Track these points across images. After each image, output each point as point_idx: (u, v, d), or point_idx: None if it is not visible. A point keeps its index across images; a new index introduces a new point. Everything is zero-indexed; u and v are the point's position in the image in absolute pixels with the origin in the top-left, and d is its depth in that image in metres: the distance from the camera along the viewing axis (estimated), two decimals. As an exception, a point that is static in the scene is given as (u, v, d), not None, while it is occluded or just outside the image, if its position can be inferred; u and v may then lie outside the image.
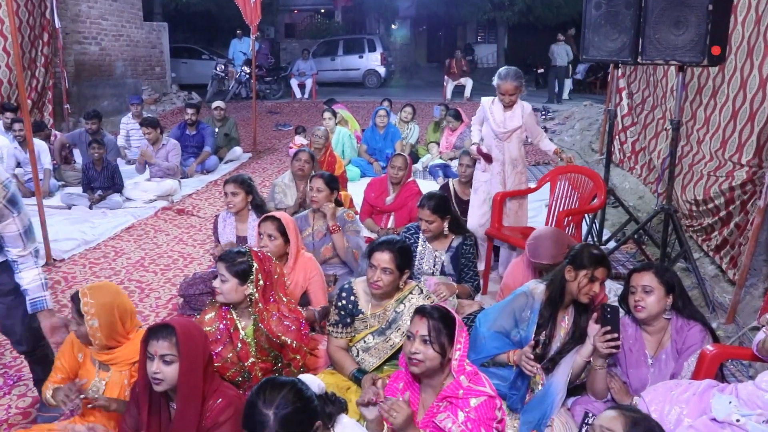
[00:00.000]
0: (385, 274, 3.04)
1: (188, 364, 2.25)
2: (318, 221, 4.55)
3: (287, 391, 1.96)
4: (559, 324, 3.12)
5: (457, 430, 2.29)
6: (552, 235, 3.71)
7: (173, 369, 2.26)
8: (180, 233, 6.30)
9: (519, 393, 3.01)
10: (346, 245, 4.43)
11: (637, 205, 6.71)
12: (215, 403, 2.31)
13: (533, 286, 3.24)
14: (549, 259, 3.53)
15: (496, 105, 4.93)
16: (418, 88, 21.51)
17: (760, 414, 2.33)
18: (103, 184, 6.98)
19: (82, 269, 5.27)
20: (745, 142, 4.59)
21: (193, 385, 2.26)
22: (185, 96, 15.76)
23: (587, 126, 11.23)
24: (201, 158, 8.63)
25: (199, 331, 2.40)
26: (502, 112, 4.89)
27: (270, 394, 1.95)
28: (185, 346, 2.25)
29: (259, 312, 2.99)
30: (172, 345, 2.26)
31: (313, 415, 1.97)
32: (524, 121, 4.87)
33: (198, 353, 2.28)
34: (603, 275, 3.03)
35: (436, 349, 2.35)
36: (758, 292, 4.24)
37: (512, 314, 3.18)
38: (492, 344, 3.13)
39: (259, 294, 2.99)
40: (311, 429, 1.94)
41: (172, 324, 2.32)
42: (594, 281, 3.01)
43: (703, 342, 2.89)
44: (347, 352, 3.23)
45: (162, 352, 2.27)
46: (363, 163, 8.62)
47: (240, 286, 2.96)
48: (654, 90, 6.93)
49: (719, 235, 4.81)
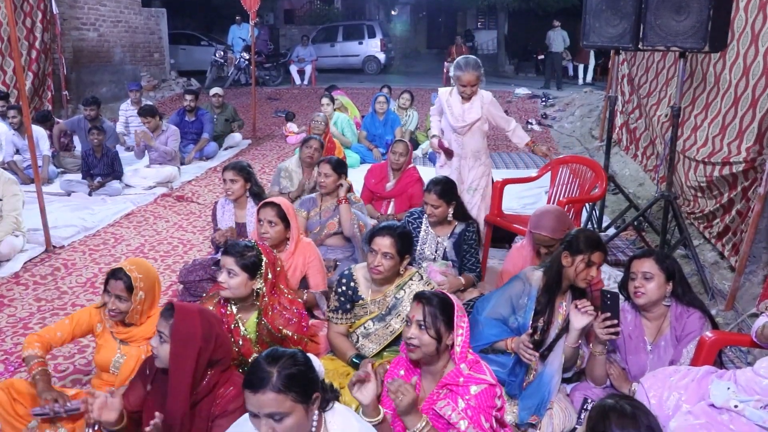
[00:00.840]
0: (385, 259, 3.05)
1: (177, 347, 2.25)
2: (326, 202, 4.60)
3: (293, 354, 1.97)
4: (557, 310, 3.13)
5: (456, 417, 2.29)
6: (555, 210, 3.72)
7: (165, 348, 2.27)
8: (179, 220, 6.30)
9: (517, 379, 3.03)
10: (353, 218, 4.46)
11: (637, 192, 6.71)
12: (226, 391, 2.31)
13: (530, 272, 3.25)
14: (549, 231, 3.51)
15: (454, 97, 4.75)
16: (418, 74, 21.43)
17: (758, 400, 2.34)
18: (102, 171, 6.96)
19: (82, 256, 5.27)
20: (746, 129, 4.57)
21: (182, 368, 2.25)
22: (184, 82, 15.69)
23: (587, 113, 11.21)
24: (200, 145, 8.61)
25: (205, 318, 2.36)
26: (460, 104, 4.71)
27: (276, 355, 1.95)
28: (176, 328, 2.25)
29: (264, 306, 2.98)
30: (168, 324, 2.28)
31: (314, 385, 1.96)
32: (484, 112, 4.68)
33: (191, 338, 2.26)
34: (599, 260, 3.04)
35: (431, 335, 2.35)
36: (758, 279, 4.25)
37: (509, 301, 3.19)
38: (490, 332, 3.13)
39: (267, 288, 2.98)
40: (309, 398, 1.92)
41: (174, 305, 2.33)
42: (591, 266, 3.01)
43: (702, 329, 2.90)
44: (347, 338, 3.24)
45: (160, 328, 2.30)
46: (362, 150, 8.60)
47: (249, 281, 2.93)
48: (656, 76, 6.90)
49: (721, 222, 4.81)
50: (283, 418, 1.85)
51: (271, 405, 1.85)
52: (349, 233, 4.47)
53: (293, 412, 1.87)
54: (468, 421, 2.27)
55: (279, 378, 1.87)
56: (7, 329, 4.03)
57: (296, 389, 1.88)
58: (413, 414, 2.33)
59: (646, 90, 7.10)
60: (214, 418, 2.29)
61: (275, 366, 1.89)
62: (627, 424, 1.85)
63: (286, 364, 1.91)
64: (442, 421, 2.34)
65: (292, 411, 1.86)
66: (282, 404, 1.85)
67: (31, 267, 5.00)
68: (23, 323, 4.11)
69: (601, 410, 1.90)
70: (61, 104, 10.86)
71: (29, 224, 5.34)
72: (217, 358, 2.34)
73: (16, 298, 4.48)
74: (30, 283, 4.72)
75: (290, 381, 1.87)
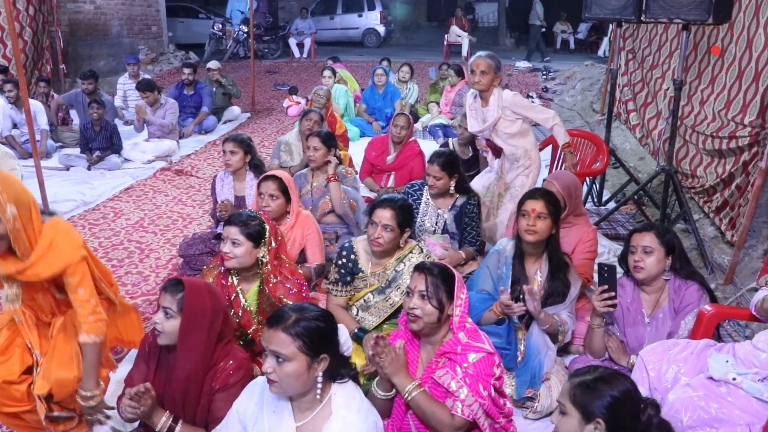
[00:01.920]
0: (385, 231, 3.05)
1: (188, 323, 2.26)
2: (317, 178, 4.53)
3: (320, 312, 2.04)
4: (532, 277, 3.15)
5: (455, 385, 2.30)
6: (575, 179, 3.71)
7: (172, 324, 2.28)
8: (179, 194, 6.29)
9: (511, 350, 3.05)
10: (343, 196, 4.41)
11: (637, 166, 6.69)
12: (227, 364, 2.33)
13: (505, 242, 3.30)
14: (561, 185, 3.50)
15: (477, 101, 4.32)
16: (419, 47, 21.25)
17: (756, 372, 2.35)
18: (101, 145, 6.93)
19: (82, 230, 5.27)
20: (749, 103, 4.54)
21: (192, 344, 2.27)
22: (182, 56, 15.54)
23: (588, 86, 11.14)
24: (199, 119, 8.56)
25: (212, 293, 2.38)
26: (480, 108, 4.30)
27: (303, 306, 2.04)
28: (188, 303, 2.26)
29: (266, 274, 2.99)
30: (174, 300, 2.28)
31: (326, 345, 1.99)
32: (504, 112, 4.19)
33: (202, 314, 2.28)
34: (534, 207, 3.06)
35: (434, 305, 2.36)
36: (757, 254, 4.25)
37: (489, 274, 3.25)
38: (481, 306, 3.15)
39: (271, 256, 2.99)
40: (316, 354, 1.95)
41: (183, 280, 2.33)
42: (525, 216, 3.06)
43: (700, 301, 2.91)
44: (347, 311, 3.25)
45: (165, 304, 2.30)
46: (362, 123, 8.56)
47: (254, 249, 2.94)
48: (658, 49, 6.84)
49: (720, 196, 4.80)
50: (284, 362, 1.91)
51: (277, 344, 1.92)
52: (340, 212, 4.42)
53: (295, 359, 1.91)
54: (467, 388, 2.28)
55: (295, 323, 1.94)
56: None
57: (306, 340, 1.92)
58: (401, 376, 2.34)
59: (649, 63, 7.05)
60: (214, 392, 2.31)
61: (297, 313, 1.97)
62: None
63: (308, 316, 1.97)
64: (441, 389, 2.35)
65: (294, 358, 1.91)
66: (287, 347, 1.91)
67: (31, 241, 4.99)
68: (24, 297, 4.12)
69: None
70: (58, 78, 10.77)
71: (28, 198, 5.32)
72: (222, 334, 2.36)
73: (16, 272, 4.47)
74: (30, 257, 4.72)
75: (303, 330, 1.93)
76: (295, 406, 2.02)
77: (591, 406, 1.85)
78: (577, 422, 1.84)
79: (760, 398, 2.28)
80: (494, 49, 20.36)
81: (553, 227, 3.08)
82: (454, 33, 16.69)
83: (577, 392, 1.88)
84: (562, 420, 1.88)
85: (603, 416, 1.83)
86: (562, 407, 1.90)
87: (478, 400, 2.30)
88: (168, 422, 2.26)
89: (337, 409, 2.00)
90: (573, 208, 3.56)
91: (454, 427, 2.31)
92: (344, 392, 2.04)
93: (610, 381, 1.89)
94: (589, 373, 1.93)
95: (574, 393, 1.89)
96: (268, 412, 2.03)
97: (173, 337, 2.29)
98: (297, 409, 2.02)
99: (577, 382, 1.91)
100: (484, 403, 2.32)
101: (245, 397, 2.12)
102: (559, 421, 1.90)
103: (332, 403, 2.01)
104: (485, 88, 4.15)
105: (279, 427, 1.99)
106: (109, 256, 4.79)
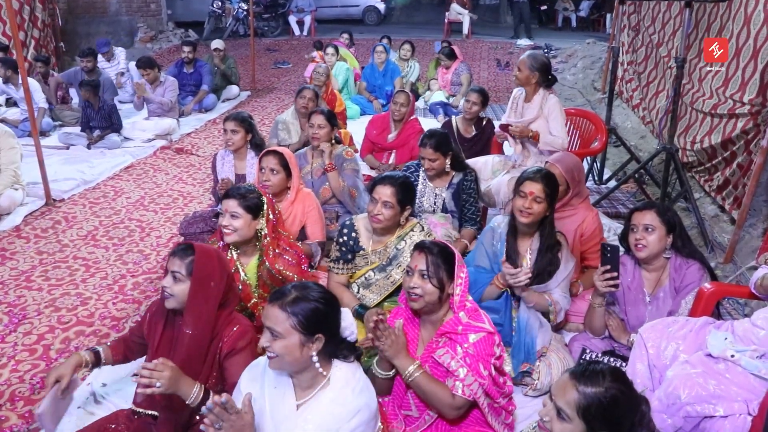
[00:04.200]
0: (386, 208, 3.05)
1: (198, 287, 2.27)
2: (317, 159, 4.51)
3: (321, 292, 2.03)
4: (522, 255, 3.16)
5: (455, 365, 2.31)
6: (575, 157, 3.71)
7: (180, 287, 2.29)
8: (179, 172, 6.28)
9: (505, 325, 3.06)
10: (342, 184, 4.40)
11: (638, 145, 6.67)
12: (231, 330, 2.35)
13: (499, 220, 3.30)
14: (564, 167, 3.49)
15: (522, 96, 4.49)
16: (419, 24, 21.09)
17: (754, 350, 2.36)
18: (100, 124, 6.90)
19: (82, 209, 5.27)
20: (748, 81, 4.52)
21: (201, 308, 2.28)
22: (182, 34, 15.42)
23: (590, 64, 11.07)
24: (198, 97, 8.52)
25: (221, 259, 2.41)
26: (523, 102, 4.45)
27: (306, 284, 2.04)
28: (198, 267, 2.28)
29: (265, 246, 3.01)
30: (183, 264, 2.30)
31: (323, 326, 1.98)
32: (543, 112, 4.32)
33: (211, 278, 2.30)
34: (531, 189, 3.04)
35: (434, 284, 2.36)
36: (757, 232, 4.26)
37: (485, 251, 3.25)
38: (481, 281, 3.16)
39: (269, 228, 3.01)
40: (311, 334, 1.95)
41: (193, 245, 2.35)
42: (522, 197, 3.05)
43: (701, 280, 2.91)
44: (348, 288, 3.26)
45: (174, 268, 2.31)
46: (363, 101, 8.52)
47: (252, 221, 2.97)
48: (662, 27, 6.78)
49: (721, 175, 4.79)
50: (278, 338, 1.93)
51: (272, 320, 1.94)
52: (341, 198, 4.44)
53: (288, 337, 1.92)
54: (467, 368, 2.29)
55: (293, 301, 1.95)
56: (10, 282, 4.06)
57: (301, 319, 1.93)
58: (402, 357, 2.36)
59: (655, 41, 6.99)
60: (224, 357, 2.33)
61: (297, 292, 1.98)
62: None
63: (306, 295, 1.97)
64: (441, 369, 2.37)
65: (288, 336, 1.92)
66: (281, 324, 1.93)
67: (32, 220, 5.00)
68: (25, 276, 4.13)
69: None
70: (57, 56, 10.69)
71: (28, 178, 5.33)
72: (227, 301, 2.38)
73: (17, 251, 4.49)
74: (31, 236, 4.73)
75: (299, 309, 1.93)
76: (296, 384, 2.03)
77: (600, 422, 1.75)
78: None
79: (758, 375, 2.29)
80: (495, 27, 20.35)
81: (548, 210, 3.08)
82: (454, 11, 16.54)
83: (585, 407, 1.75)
84: (562, 426, 1.77)
85: (609, 429, 1.76)
86: (564, 414, 1.77)
87: (479, 380, 2.31)
88: (200, 392, 2.17)
89: (336, 383, 2.01)
90: (576, 191, 3.55)
91: (455, 407, 2.33)
92: (346, 370, 2.05)
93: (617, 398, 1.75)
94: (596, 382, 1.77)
95: (583, 407, 1.75)
96: (269, 388, 2.04)
97: (182, 300, 2.30)
98: (298, 387, 2.03)
99: (586, 394, 1.76)
100: (484, 383, 2.33)
101: (247, 376, 2.13)
102: (557, 426, 1.80)
103: (332, 380, 2.02)
104: (522, 83, 4.37)
105: (281, 404, 2.01)
106: (109, 234, 4.80)
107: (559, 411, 1.79)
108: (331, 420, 1.95)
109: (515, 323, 3.08)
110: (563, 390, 1.80)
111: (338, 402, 1.97)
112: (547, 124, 4.32)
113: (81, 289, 4.00)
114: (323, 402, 1.98)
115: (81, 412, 2.86)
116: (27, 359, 3.28)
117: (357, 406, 1.97)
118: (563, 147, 4.29)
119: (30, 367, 3.21)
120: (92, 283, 4.09)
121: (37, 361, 3.26)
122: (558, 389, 1.82)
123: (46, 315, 3.69)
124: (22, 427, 2.79)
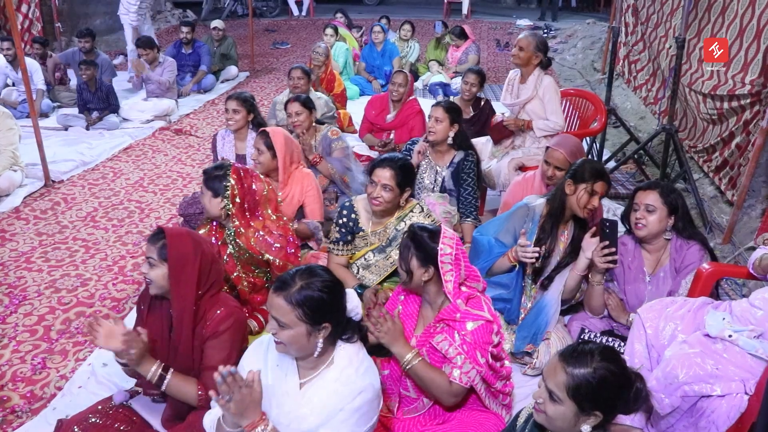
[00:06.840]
0: (385, 191, 3.05)
1: (176, 269, 2.26)
2: (305, 144, 4.50)
3: (326, 281, 1.99)
4: (558, 238, 3.15)
5: (453, 352, 2.32)
6: (577, 140, 3.71)
7: (156, 273, 2.28)
8: (178, 153, 6.27)
9: (513, 304, 3.08)
10: (333, 171, 4.40)
11: (638, 125, 6.65)
12: (215, 313, 2.33)
13: (533, 199, 3.27)
14: (568, 152, 3.49)
15: (517, 76, 4.46)
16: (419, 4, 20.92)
17: (751, 330, 2.38)
18: (98, 105, 6.86)
19: (81, 190, 5.27)
20: (751, 61, 4.49)
21: (183, 292, 2.27)
22: (180, 14, 15.29)
23: (590, 44, 11.01)
24: (197, 77, 8.47)
25: (195, 240, 2.37)
26: (518, 83, 4.43)
27: (311, 272, 2.00)
28: (171, 250, 2.26)
29: (235, 227, 3.02)
30: (155, 249, 2.28)
31: (328, 315, 1.97)
32: (538, 93, 4.29)
33: (187, 260, 2.27)
34: (602, 189, 3.04)
35: (403, 268, 2.41)
36: (756, 213, 4.26)
37: (512, 230, 3.22)
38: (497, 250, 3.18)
39: (236, 209, 2.99)
40: (317, 324, 1.95)
41: (163, 229, 2.33)
42: (594, 195, 3.02)
43: (701, 261, 2.92)
44: (348, 269, 3.27)
45: (148, 254, 2.31)
46: (362, 81, 8.48)
47: (213, 199, 2.98)
48: (661, 7, 6.74)
49: (720, 155, 4.78)
50: (285, 328, 1.92)
51: (278, 311, 1.92)
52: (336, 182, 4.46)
53: (294, 327, 1.92)
54: (464, 356, 2.30)
55: (296, 292, 1.92)
56: (10, 263, 4.07)
57: (306, 310, 1.91)
58: (400, 345, 2.36)
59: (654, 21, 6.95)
60: (204, 339, 2.32)
61: (302, 281, 1.95)
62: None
63: (311, 285, 1.94)
64: (438, 355, 2.37)
65: (294, 326, 1.91)
66: (287, 315, 1.91)
67: (31, 202, 5.00)
68: (25, 257, 4.14)
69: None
70: (54, 36, 10.61)
71: (27, 159, 5.32)
72: (211, 281, 2.36)
73: (17, 232, 4.50)
74: (30, 217, 4.73)
75: (304, 300, 1.91)
76: (299, 364, 2.03)
77: (591, 402, 1.76)
78: (573, 414, 1.78)
79: (755, 354, 2.31)
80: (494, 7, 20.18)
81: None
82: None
83: (575, 388, 1.76)
84: (555, 407, 1.78)
85: (601, 408, 1.78)
86: (556, 397, 1.78)
87: (476, 368, 2.32)
88: (158, 371, 2.24)
89: (339, 363, 2.02)
90: None
91: (453, 393, 2.35)
92: (349, 350, 2.05)
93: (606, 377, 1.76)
94: (584, 363, 1.78)
95: (572, 387, 1.77)
96: (272, 366, 2.05)
97: (162, 285, 2.29)
98: (302, 367, 2.03)
99: (575, 375, 1.77)
100: (481, 370, 2.34)
101: (251, 354, 2.14)
102: (550, 408, 1.80)
103: (336, 360, 2.03)
104: (522, 63, 4.29)
105: (284, 382, 2.02)
106: (109, 215, 4.80)
107: (551, 393, 1.80)
108: (335, 399, 1.95)
109: (530, 305, 3.09)
110: (553, 372, 1.81)
111: (342, 382, 1.98)
112: (542, 105, 4.30)
113: (81, 270, 4.01)
114: (327, 382, 1.99)
115: (83, 392, 2.88)
116: (28, 340, 3.30)
117: (360, 386, 1.97)
118: (558, 130, 4.30)
119: (31, 348, 3.23)
120: (92, 264, 4.10)
121: (38, 342, 3.28)
122: (548, 371, 1.83)
123: (47, 296, 3.71)
124: (23, 407, 2.81)
